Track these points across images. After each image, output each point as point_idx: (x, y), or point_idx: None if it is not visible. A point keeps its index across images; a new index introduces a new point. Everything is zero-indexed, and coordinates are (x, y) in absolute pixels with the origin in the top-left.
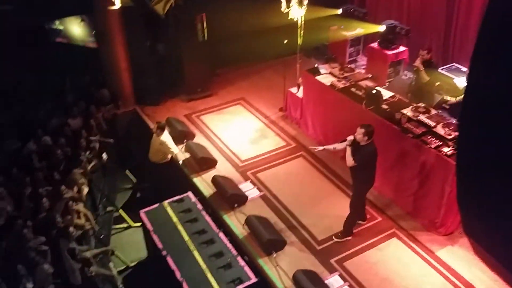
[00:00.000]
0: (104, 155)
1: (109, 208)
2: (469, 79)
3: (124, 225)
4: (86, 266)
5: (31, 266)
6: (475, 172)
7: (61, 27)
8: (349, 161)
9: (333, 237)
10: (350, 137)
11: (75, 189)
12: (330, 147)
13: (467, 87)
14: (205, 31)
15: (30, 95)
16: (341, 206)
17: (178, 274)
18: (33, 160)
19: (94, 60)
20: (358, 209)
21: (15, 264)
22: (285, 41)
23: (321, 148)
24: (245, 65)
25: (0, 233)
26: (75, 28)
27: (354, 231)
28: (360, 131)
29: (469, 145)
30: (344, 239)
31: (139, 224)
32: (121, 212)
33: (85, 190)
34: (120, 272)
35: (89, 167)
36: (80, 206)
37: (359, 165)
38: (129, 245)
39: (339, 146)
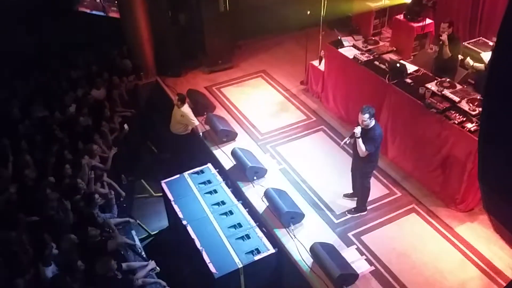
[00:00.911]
0: (126, 126)
1: (131, 178)
2: (494, 54)
3: (146, 194)
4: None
5: (56, 234)
6: (497, 148)
7: None
8: (363, 151)
9: (347, 213)
10: (358, 129)
11: (97, 158)
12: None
13: (492, 62)
14: (227, 1)
15: (53, 64)
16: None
17: (197, 243)
18: (56, 129)
19: (116, 31)
20: (369, 189)
21: (42, 231)
22: (308, 12)
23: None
24: (266, 37)
25: (26, 200)
26: None
27: (373, 205)
28: (365, 117)
29: (493, 121)
30: (358, 214)
31: (160, 194)
32: (143, 182)
33: (108, 159)
34: (142, 240)
35: (112, 137)
36: (104, 175)
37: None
38: (151, 214)
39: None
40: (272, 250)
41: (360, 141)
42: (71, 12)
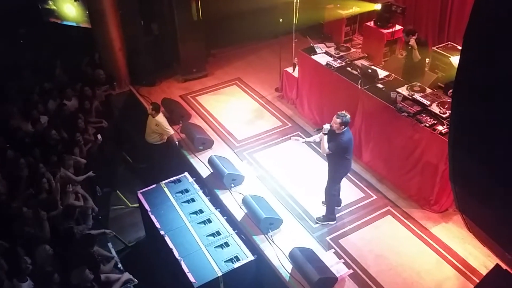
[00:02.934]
0: (99, 136)
1: (106, 189)
2: (461, 58)
3: (122, 205)
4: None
5: (30, 246)
6: (466, 149)
7: (54, 7)
8: (324, 149)
9: (316, 220)
10: (327, 126)
11: (72, 170)
12: (311, 139)
13: (459, 66)
14: (200, 10)
15: (25, 75)
16: None
17: (176, 253)
18: (29, 141)
19: (88, 41)
20: (334, 196)
21: (16, 244)
22: (281, 20)
23: (302, 140)
24: (240, 45)
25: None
26: (69, 8)
27: (350, 209)
28: (336, 121)
29: (461, 123)
30: (327, 223)
31: (136, 204)
32: (118, 193)
33: (82, 171)
34: (119, 252)
35: (86, 148)
36: (78, 188)
37: (334, 153)
38: (127, 225)
39: (318, 137)
40: (251, 257)
41: (325, 138)
42: (42, 22)
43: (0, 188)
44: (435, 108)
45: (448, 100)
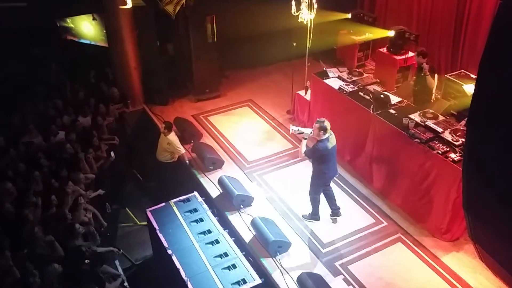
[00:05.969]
0: (112, 154)
1: (115, 206)
2: (477, 86)
3: (130, 223)
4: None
5: (40, 263)
6: (481, 178)
7: (72, 25)
8: (300, 152)
9: (301, 216)
10: (308, 130)
11: (82, 186)
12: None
13: (474, 94)
14: (215, 32)
15: (40, 92)
16: (346, 209)
17: (183, 273)
18: (41, 156)
19: (104, 59)
20: (316, 198)
21: (25, 261)
22: (294, 44)
23: (296, 130)
24: (253, 67)
25: (9, 229)
26: (87, 27)
27: (360, 235)
28: (315, 126)
29: (476, 151)
30: (310, 220)
31: (145, 222)
32: (128, 210)
33: (93, 187)
34: (125, 270)
35: (98, 165)
36: (87, 204)
37: (312, 160)
38: (135, 243)
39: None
40: (258, 281)
41: (304, 142)
42: (60, 40)
43: (9, 207)
44: (447, 136)
45: (461, 128)
